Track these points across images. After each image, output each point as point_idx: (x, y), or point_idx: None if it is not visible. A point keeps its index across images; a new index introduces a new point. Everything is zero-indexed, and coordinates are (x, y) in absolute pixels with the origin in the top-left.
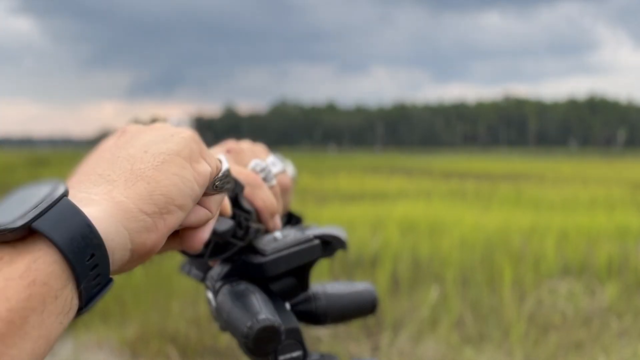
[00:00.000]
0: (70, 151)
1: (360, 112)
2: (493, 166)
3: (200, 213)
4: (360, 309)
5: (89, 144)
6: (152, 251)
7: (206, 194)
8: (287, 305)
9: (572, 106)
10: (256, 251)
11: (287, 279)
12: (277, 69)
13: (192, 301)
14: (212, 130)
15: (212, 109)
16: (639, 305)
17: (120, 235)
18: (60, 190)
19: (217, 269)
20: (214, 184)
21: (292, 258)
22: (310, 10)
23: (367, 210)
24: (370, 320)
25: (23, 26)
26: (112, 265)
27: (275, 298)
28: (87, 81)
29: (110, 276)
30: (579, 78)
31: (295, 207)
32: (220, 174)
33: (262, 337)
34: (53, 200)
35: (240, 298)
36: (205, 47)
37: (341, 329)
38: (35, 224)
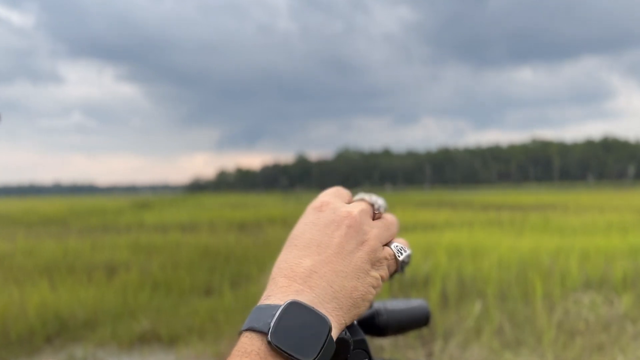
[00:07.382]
0: (169, 196)
1: (412, 156)
2: (524, 199)
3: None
4: (416, 322)
5: (184, 189)
6: None
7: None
8: (355, 322)
9: (589, 146)
10: None
11: None
12: (341, 122)
13: None
14: (287, 175)
15: (287, 156)
16: None
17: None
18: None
19: None
20: (401, 267)
21: None
22: (370, 72)
23: (419, 238)
24: (424, 330)
25: (129, 91)
26: None
27: None
28: (183, 136)
29: None
30: (595, 122)
31: None
32: (406, 259)
33: (336, 349)
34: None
35: None
36: (281, 105)
37: (400, 339)
38: None
